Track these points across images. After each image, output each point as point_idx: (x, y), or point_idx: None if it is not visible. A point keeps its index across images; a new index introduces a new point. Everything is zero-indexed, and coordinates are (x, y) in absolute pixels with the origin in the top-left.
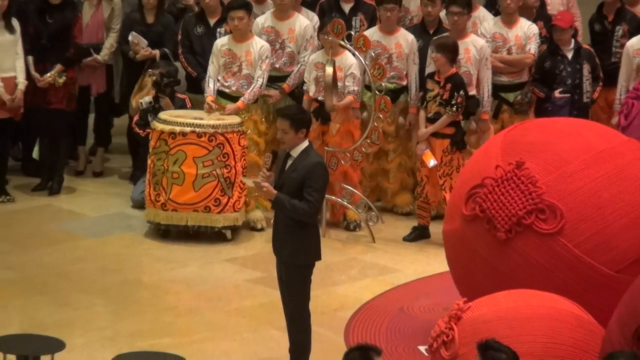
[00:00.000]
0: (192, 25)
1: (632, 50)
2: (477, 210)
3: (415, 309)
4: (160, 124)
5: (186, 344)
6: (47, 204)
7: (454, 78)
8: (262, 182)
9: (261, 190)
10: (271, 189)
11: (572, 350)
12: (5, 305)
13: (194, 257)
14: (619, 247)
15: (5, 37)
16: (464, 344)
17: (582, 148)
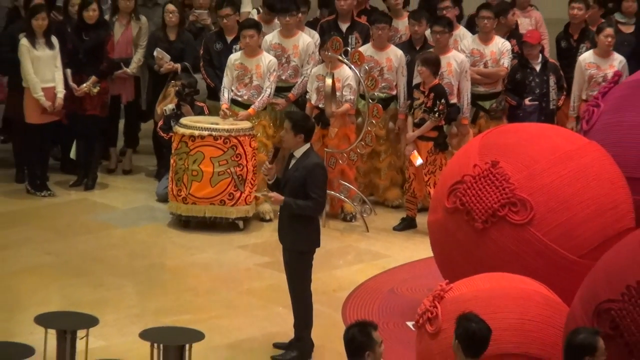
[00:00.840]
0: (212, 42)
1: (584, 63)
2: (458, 203)
3: (403, 290)
4: (181, 129)
5: (204, 320)
6: (83, 198)
7: (437, 88)
8: (271, 194)
9: (270, 200)
10: (279, 197)
11: (540, 325)
12: (46, 286)
13: (211, 244)
14: (582, 236)
15: (45, 52)
16: (446, 320)
17: (549, 149)
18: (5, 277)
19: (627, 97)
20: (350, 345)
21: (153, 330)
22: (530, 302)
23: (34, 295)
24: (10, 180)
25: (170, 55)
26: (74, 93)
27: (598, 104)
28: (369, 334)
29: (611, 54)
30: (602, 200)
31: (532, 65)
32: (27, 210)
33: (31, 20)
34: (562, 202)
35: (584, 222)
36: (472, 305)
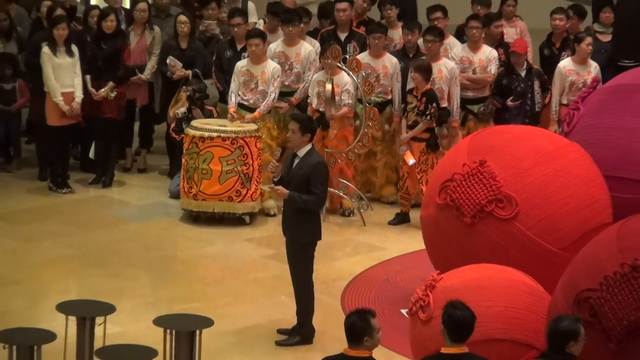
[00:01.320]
0: (223, 49)
1: (564, 70)
2: (448, 199)
3: (398, 280)
4: (192, 130)
5: (213, 308)
6: (101, 195)
7: (429, 93)
8: (277, 188)
9: (276, 193)
10: (284, 191)
11: (524, 312)
12: (67, 276)
13: (220, 238)
14: (563, 230)
15: (66, 60)
16: (437, 307)
17: (532, 149)
18: (29, 268)
19: (605, 101)
20: (351, 331)
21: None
22: (515, 291)
23: (55, 285)
24: (33, 178)
25: (182, 62)
26: (93, 97)
27: (578, 107)
28: (368, 320)
29: (588, 61)
30: (582, 197)
31: (517, 71)
32: (49, 206)
33: (53, 30)
34: (544, 198)
35: (565, 217)
36: (461, 294)
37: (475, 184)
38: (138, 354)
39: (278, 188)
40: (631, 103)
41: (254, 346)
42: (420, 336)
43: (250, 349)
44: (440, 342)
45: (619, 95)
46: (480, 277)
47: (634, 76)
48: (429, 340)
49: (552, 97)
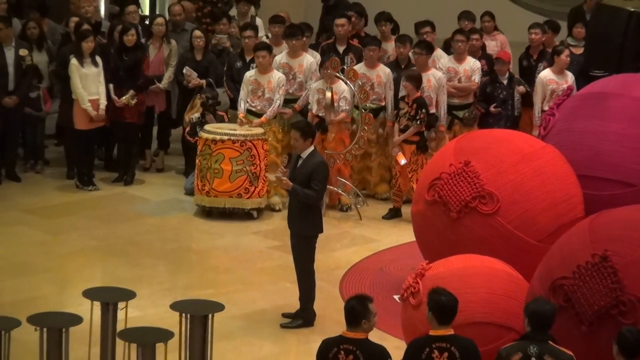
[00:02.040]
0: (234, 60)
1: (545, 80)
2: (436, 196)
3: (391, 269)
4: (205, 134)
5: (224, 294)
6: (123, 192)
7: (419, 100)
8: (282, 177)
9: (281, 183)
10: (289, 182)
11: (504, 298)
12: (91, 265)
13: (230, 231)
14: (540, 224)
15: (91, 70)
16: (426, 294)
17: (512, 151)
18: (58, 258)
19: (578, 107)
20: (350, 314)
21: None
22: (497, 279)
23: (81, 273)
24: (62, 177)
25: (197, 72)
26: (115, 104)
27: (554, 113)
28: (366, 305)
29: (564, 71)
30: (557, 194)
31: (500, 80)
32: (76, 202)
33: (81, 43)
34: (523, 195)
35: (541, 212)
36: (447, 281)
37: (460, 182)
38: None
39: (283, 178)
40: (600, 109)
41: (260, 329)
42: (411, 320)
43: (258, 331)
44: (428, 326)
45: (590, 102)
46: (465, 266)
47: (603, 85)
48: (419, 323)
49: (535, 104)
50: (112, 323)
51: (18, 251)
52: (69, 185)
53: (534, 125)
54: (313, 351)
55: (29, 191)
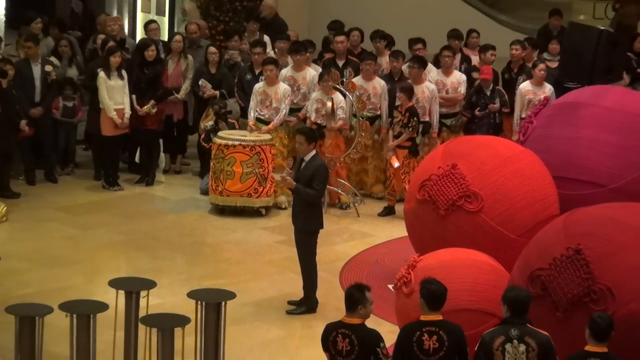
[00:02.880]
0: (244, 73)
1: (523, 91)
2: (426, 195)
3: (385, 261)
4: (219, 140)
5: (235, 284)
6: (145, 192)
7: (411, 109)
8: (286, 177)
9: (285, 182)
10: (292, 182)
11: (486, 287)
12: (117, 257)
13: (241, 226)
14: (519, 220)
15: (117, 82)
16: (417, 283)
17: (494, 155)
18: (87, 251)
19: (554, 116)
20: (348, 300)
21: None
22: (481, 270)
23: (107, 265)
24: (90, 178)
25: (211, 84)
26: (138, 113)
27: (532, 121)
28: (363, 293)
29: (543, 84)
30: (534, 193)
31: (484, 91)
32: (102, 201)
33: (109, 58)
34: (504, 194)
35: (520, 210)
36: (436, 272)
37: (448, 183)
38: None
39: (287, 178)
40: (574, 117)
41: (268, 315)
42: (403, 306)
43: (266, 317)
44: (420, 311)
45: (564, 111)
46: (452, 258)
47: (576, 96)
48: (411, 309)
49: (515, 112)
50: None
51: (50, 245)
52: (97, 186)
53: (514, 131)
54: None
55: (61, 191)
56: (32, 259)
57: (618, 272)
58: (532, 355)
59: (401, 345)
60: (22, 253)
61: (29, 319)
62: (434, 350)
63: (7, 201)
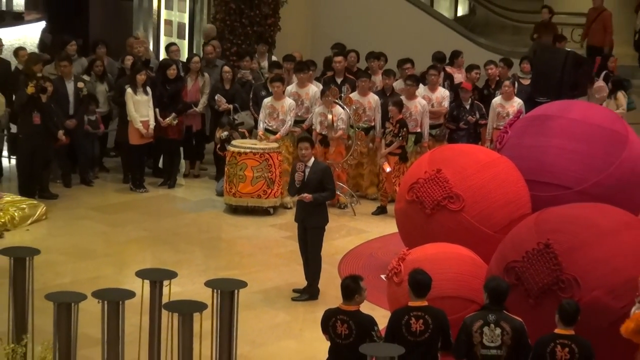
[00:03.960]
0: (259, 90)
1: (495, 104)
2: (414, 197)
3: (378, 254)
4: (232, 148)
5: (247, 274)
6: (167, 193)
7: (401, 121)
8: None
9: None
10: (310, 197)
11: (467, 277)
12: (143, 251)
13: (252, 224)
14: (496, 218)
15: (143, 97)
16: (406, 274)
17: (474, 161)
18: (116, 246)
19: (526, 127)
20: (345, 290)
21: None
22: (462, 262)
23: (134, 257)
24: (119, 181)
25: (225, 99)
26: (160, 124)
27: (507, 131)
28: (358, 283)
29: (513, 98)
30: (509, 195)
31: (464, 105)
32: (130, 201)
33: (136, 76)
34: (483, 196)
35: (497, 209)
36: (423, 264)
37: (433, 186)
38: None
39: (304, 196)
40: (544, 128)
41: (276, 301)
42: (394, 294)
43: (273, 303)
44: (408, 298)
45: (535, 122)
46: (437, 252)
47: (546, 109)
48: (401, 297)
49: (488, 123)
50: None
51: (84, 240)
52: (125, 188)
53: (486, 139)
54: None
55: (93, 193)
56: (68, 252)
57: (583, 264)
58: (507, 338)
59: (392, 328)
60: (59, 247)
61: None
62: (420, 332)
63: (46, 202)
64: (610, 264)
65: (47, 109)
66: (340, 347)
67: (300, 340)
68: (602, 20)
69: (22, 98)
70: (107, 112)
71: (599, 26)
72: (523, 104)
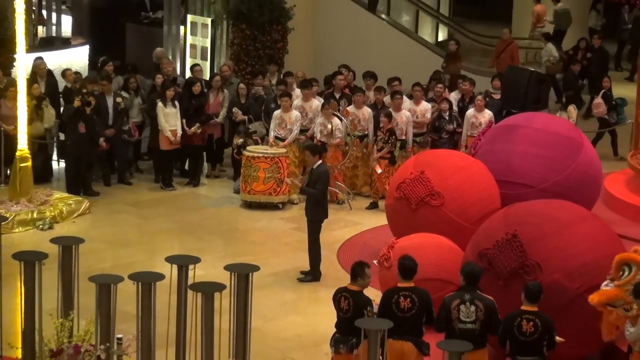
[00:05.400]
0: (270, 103)
1: (469, 115)
2: (401, 194)
3: (371, 242)
4: (247, 153)
5: (259, 260)
6: (192, 191)
7: (391, 130)
8: (295, 182)
9: (294, 185)
10: (298, 184)
11: (447, 262)
12: (171, 240)
13: (264, 217)
14: (471, 213)
15: (171, 110)
16: (395, 259)
17: (452, 164)
18: (148, 235)
19: (496, 135)
20: (352, 272)
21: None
22: (442, 250)
23: (164, 245)
24: (151, 181)
25: (241, 111)
26: (186, 133)
27: (480, 138)
28: (363, 268)
29: (484, 110)
30: (482, 193)
31: (444, 116)
32: (160, 198)
33: (165, 92)
34: (460, 193)
35: (472, 205)
36: (409, 250)
37: (418, 185)
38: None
39: (295, 181)
40: (511, 136)
41: (284, 282)
42: (385, 277)
43: (282, 284)
44: (397, 280)
45: (504, 131)
46: (421, 241)
47: (513, 120)
48: (390, 279)
49: (463, 131)
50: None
51: (121, 231)
52: (156, 187)
53: (461, 145)
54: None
55: (129, 190)
56: (108, 241)
57: (545, 251)
58: (480, 314)
59: (383, 306)
60: (100, 237)
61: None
62: (407, 309)
63: (90, 198)
64: (568, 251)
65: (90, 120)
66: (342, 320)
67: (305, 316)
68: (510, 51)
69: (70, 110)
70: (140, 122)
71: (506, 56)
72: (493, 115)
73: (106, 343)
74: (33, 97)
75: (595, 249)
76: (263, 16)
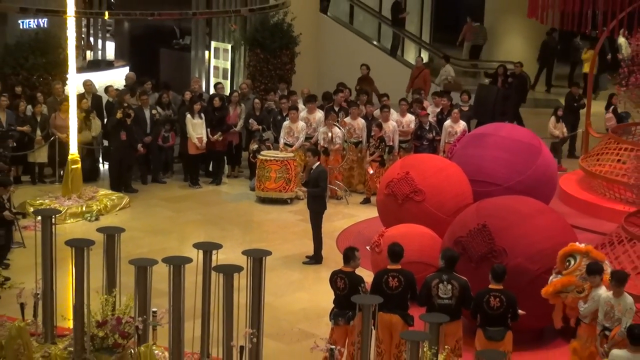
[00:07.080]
0: (276, 115)
1: (446, 125)
2: (390, 191)
3: (365, 231)
4: (261, 157)
5: (271, 246)
6: (215, 189)
7: (381, 137)
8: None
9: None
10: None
11: (428, 248)
12: (197, 230)
13: (275, 210)
14: (448, 206)
15: (198, 121)
16: (385, 246)
17: (433, 166)
18: (179, 226)
19: (469, 142)
20: (344, 256)
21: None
22: (424, 237)
23: (192, 234)
24: (181, 180)
25: (256, 122)
26: (210, 140)
27: (456, 145)
28: (354, 252)
29: (459, 121)
30: (457, 190)
31: (424, 127)
32: (188, 195)
33: (193, 106)
34: (439, 190)
35: (449, 200)
36: (397, 238)
37: (404, 184)
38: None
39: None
40: (481, 143)
41: (291, 264)
42: (376, 260)
43: (290, 266)
44: (387, 263)
45: (475, 139)
46: (407, 230)
47: (483, 129)
48: (381, 262)
49: (441, 139)
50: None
51: (156, 221)
52: (185, 185)
53: (440, 150)
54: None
55: (163, 188)
56: (145, 230)
57: (509, 239)
58: (456, 292)
59: (375, 284)
60: (138, 226)
61: (143, 268)
62: (395, 287)
63: (130, 195)
64: (529, 239)
65: (130, 129)
66: (339, 297)
67: (309, 293)
68: (423, 76)
69: (113, 121)
70: None
71: (420, 81)
72: (466, 125)
73: (143, 315)
74: (82, 110)
75: (552, 237)
76: (275, 43)
